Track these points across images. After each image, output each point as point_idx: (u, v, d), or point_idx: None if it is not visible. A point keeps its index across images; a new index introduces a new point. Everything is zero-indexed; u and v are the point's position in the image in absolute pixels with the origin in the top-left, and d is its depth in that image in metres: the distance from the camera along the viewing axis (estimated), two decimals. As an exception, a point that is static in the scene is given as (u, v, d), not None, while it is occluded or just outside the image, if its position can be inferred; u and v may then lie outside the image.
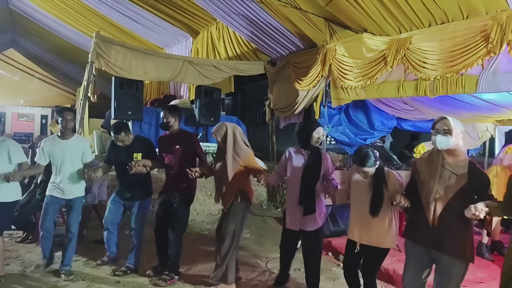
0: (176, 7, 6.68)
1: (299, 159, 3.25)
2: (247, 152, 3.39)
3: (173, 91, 8.96)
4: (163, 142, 3.81)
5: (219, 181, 3.44)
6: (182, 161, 3.58)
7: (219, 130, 3.38)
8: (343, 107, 5.76)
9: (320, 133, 3.20)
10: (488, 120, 5.75)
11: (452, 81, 3.38)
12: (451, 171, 2.31)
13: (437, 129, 2.35)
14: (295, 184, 3.21)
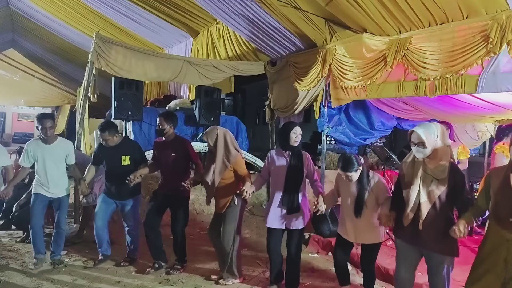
0: (176, 7, 6.68)
1: (281, 160, 3.31)
2: (236, 156, 3.46)
3: (173, 91, 8.96)
4: (159, 147, 3.92)
5: (212, 185, 3.48)
6: (177, 167, 3.78)
7: (211, 134, 3.47)
8: (343, 107, 5.76)
9: (297, 132, 3.24)
10: (488, 120, 5.74)
11: (452, 81, 3.37)
12: (432, 176, 2.45)
13: (412, 141, 2.49)
14: (279, 185, 3.28)
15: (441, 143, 2.48)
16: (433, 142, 2.44)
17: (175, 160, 3.76)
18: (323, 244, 4.76)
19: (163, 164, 3.85)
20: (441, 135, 2.49)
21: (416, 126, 2.55)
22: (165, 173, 3.90)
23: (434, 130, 2.47)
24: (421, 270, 3.68)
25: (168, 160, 3.77)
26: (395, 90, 4.01)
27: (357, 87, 4.29)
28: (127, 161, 3.85)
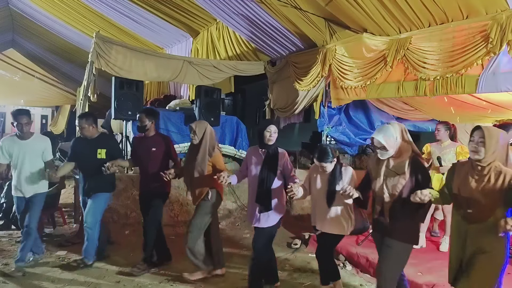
0: (176, 7, 6.68)
1: (257, 158, 3.35)
2: (217, 151, 3.61)
3: (173, 91, 8.96)
4: (139, 143, 3.94)
5: (190, 177, 3.55)
6: (157, 163, 3.78)
7: (201, 126, 3.56)
8: (343, 107, 5.76)
9: (271, 131, 3.26)
10: (488, 120, 5.74)
11: (452, 81, 3.38)
12: (395, 172, 2.62)
13: (375, 146, 2.64)
14: (253, 183, 3.31)
15: (402, 141, 2.62)
16: (394, 143, 2.59)
17: (155, 156, 3.78)
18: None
19: (143, 160, 3.84)
20: (401, 135, 2.62)
21: (375, 131, 2.68)
22: (144, 169, 3.86)
23: (392, 132, 2.60)
24: (422, 270, 3.69)
25: (148, 155, 3.77)
26: (395, 90, 4.02)
27: (357, 87, 4.29)
28: (103, 155, 3.80)
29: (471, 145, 2.33)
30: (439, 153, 4.39)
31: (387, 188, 2.64)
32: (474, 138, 2.32)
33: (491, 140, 2.24)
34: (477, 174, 2.32)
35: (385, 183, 2.65)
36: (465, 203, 2.35)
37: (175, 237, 5.03)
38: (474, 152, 2.29)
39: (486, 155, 2.25)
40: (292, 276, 3.89)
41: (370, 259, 4.03)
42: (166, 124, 6.29)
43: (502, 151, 2.31)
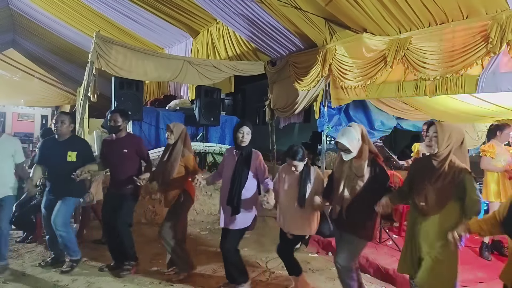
0: (176, 7, 6.68)
1: (231, 159, 3.33)
2: (190, 153, 3.64)
3: (173, 91, 8.96)
4: (109, 145, 3.85)
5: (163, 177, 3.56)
6: (129, 165, 3.74)
7: (178, 127, 3.62)
8: (343, 107, 5.75)
9: (244, 132, 3.23)
10: (488, 120, 5.74)
11: (452, 81, 3.38)
12: (355, 173, 2.77)
13: (340, 148, 2.79)
14: (225, 184, 3.31)
15: (362, 143, 2.78)
16: (357, 145, 2.75)
17: (127, 157, 3.72)
18: (323, 244, 4.76)
19: (114, 162, 3.77)
20: (361, 136, 2.78)
21: (338, 134, 2.81)
22: (115, 171, 3.78)
23: (354, 135, 2.75)
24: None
25: (120, 157, 3.71)
26: (395, 90, 4.01)
27: (357, 87, 4.29)
28: (73, 157, 3.69)
29: (426, 140, 2.48)
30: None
31: (348, 188, 2.78)
32: (428, 133, 2.45)
33: (443, 134, 2.38)
34: (431, 168, 2.44)
35: (346, 184, 2.79)
36: (419, 196, 2.46)
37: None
38: (429, 146, 2.44)
39: (439, 149, 2.38)
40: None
41: (370, 259, 4.03)
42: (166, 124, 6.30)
43: (456, 146, 2.43)
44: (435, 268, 2.40)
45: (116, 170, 3.78)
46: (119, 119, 3.73)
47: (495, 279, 3.44)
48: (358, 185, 2.75)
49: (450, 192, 2.35)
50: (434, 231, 2.36)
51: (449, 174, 2.37)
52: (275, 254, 4.22)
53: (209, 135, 6.70)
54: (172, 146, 3.58)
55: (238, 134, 3.23)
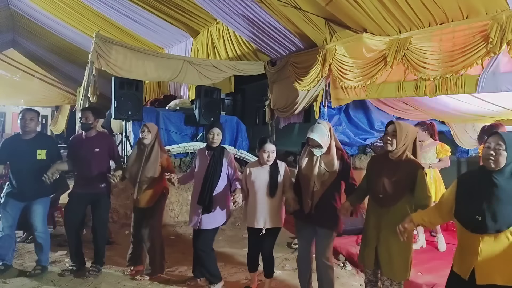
0: (176, 7, 6.68)
1: (204, 159, 3.38)
2: (165, 153, 3.71)
3: (173, 91, 8.97)
4: (78, 143, 3.75)
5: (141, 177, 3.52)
6: (101, 164, 3.69)
7: (154, 127, 3.61)
8: (343, 107, 5.76)
9: (214, 133, 3.31)
10: (488, 120, 5.74)
11: (452, 81, 3.38)
12: (325, 169, 2.93)
13: (311, 145, 2.91)
14: (197, 184, 3.35)
15: (331, 140, 2.94)
16: (327, 141, 2.91)
17: (97, 156, 3.65)
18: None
19: (84, 161, 3.64)
20: (330, 133, 2.95)
21: (309, 131, 2.93)
22: (84, 170, 3.65)
23: (325, 131, 2.91)
24: (421, 270, 3.69)
25: (90, 156, 3.62)
26: (395, 90, 4.01)
27: (357, 87, 4.29)
28: (43, 156, 3.59)
29: (385, 138, 2.63)
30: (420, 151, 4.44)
31: (318, 183, 2.91)
32: (388, 131, 2.62)
33: (401, 133, 2.55)
34: (388, 163, 2.62)
35: (316, 179, 2.92)
36: (377, 189, 2.64)
37: (175, 237, 5.04)
38: (388, 143, 2.59)
39: (397, 146, 2.56)
40: (292, 276, 3.88)
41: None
42: (166, 124, 6.30)
43: (411, 145, 2.63)
44: (391, 256, 2.57)
45: (86, 169, 3.64)
46: (91, 117, 3.65)
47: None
48: (328, 180, 2.91)
49: (405, 185, 2.54)
50: (391, 222, 2.47)
51: (405, 168, 2.56)
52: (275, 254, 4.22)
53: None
54: (150, 146, 3.54)
55: (209, 135, 3.32)
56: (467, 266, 2.01)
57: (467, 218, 2.00)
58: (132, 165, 3.61)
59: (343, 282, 3.78)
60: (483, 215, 1.92)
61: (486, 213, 1.91)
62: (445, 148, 4.42)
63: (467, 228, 2.00)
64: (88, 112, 3.68)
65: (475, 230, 1.96)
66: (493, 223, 1.90)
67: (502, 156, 1.91)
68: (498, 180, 1.93)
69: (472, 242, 1.98)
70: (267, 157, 3.17)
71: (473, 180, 2.08)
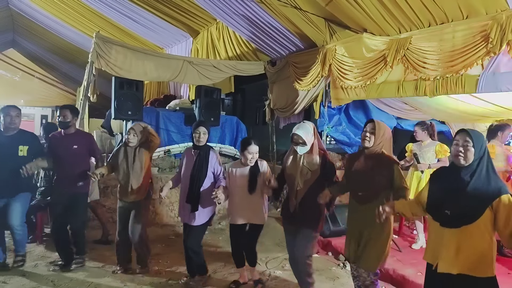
0: (176, 7, 6.68)
1: (190, 158, 3.44)
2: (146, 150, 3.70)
3: (173, 91, 8.96)
4: (57, 141, 3.76)
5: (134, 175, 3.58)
6: (79, 161, 3.72)
7: (138, 126, 3.65)
8: (343, 107, 5.77)
9: (200, 132, 3.36)
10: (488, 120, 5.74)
11: (452, 81, 3.38)
12: (308, 168, 2.98)
13: (295, 142, 2.96)
14: (185, 183, 3.42)
15: (314, 139, 3.01)
16: (311, 140, 2.97)
17: (76, 154, 3.69)
18: (323, 244, 4.76)
19: (62, 158, 3.68)
20: (313, 132, 3.02)
21: (294, 128, 2.99)
22: (63, 168, 3.71)
23: (309, 129, 2.98)
24: (421, 270, 3.69)
25: (68, 153, 3.66)
26: (395, 90, 4.01)
27: (357, 87, 4.29)
28: (24, 152, 3.62)
29: (363, 134, 2.72)
30: (419, 151, 4.45)
31: (301, 182, 2.96)
32: (366, 128, 2.72)
33: (379, 131, 2.67)
34: (365, 160, 2.73)
35: (299, 178, 2.97)
36: (356, 186, 2.74)
37: (175, 237, 5.04)
38: (365, 140, 2.69)
39: (374, 143, 2.67)
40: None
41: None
42: (166, 124, 6.30)
43: (387, 143, 2.74)
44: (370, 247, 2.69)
45: (65, 167, 3.70)
46: (69, 115, 3.68)
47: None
48: (311, 179, 2.96)
49: (383, 181, 2.65)
50: (372, 219, 2.52)
51: (381, 165, 2.67)
52: (275, 254, 4.24)
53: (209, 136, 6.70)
54: (135, 149, 3.61)
55: (195, 134, 3.37)
56: (436, 256, 2.12)
57: (437, 212, 2.10)
58: (121, 165, 3.63)
59: (343, 282, 3.78)
60: (451, 209, 2.01)
61: (455, 208, 2.00)
62: (444, 149, 4.43)
63: (437, 221, 2.10)
64: (66, 110, 3.69)
65: (444, 224, 2.05)
66: (461, 217, 1.98)
67: (470, 152, 1.99)
68: (466, 176, 2.01)
69: (442, 235, 2.07)
70: (250, 158, 3.27)
71: (444, 176, 2.17)
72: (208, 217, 3.47)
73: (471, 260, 1.99)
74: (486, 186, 1.97)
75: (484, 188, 1.96)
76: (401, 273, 3.70)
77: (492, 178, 1.99)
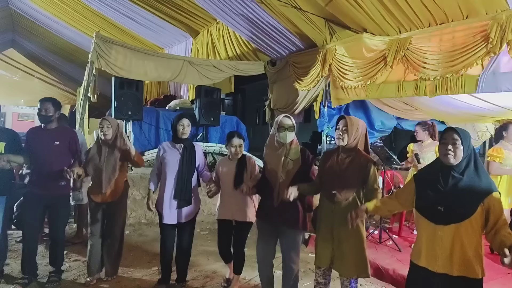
0: (176, 7, 6.68)
1: (174, 153, 3.33)
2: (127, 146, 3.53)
3: (173, 91, 8.96)
4: (37, 136, 3.48)
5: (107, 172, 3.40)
6: (60, 159, 3.43)
7: (114, 121, 3.49)
8: (343, 107, 5.76)
9: (184, 124, 3.29)
10: (488, 120, 5.75)
11: (452, 81, 3.38)
12: (289, 158, 2.84)
13: (283, 126, 2.81)
14: (171, 178, 3.29)
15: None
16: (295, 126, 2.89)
17: (57, 150, 3.40)
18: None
19: (42, 155, 3.38)
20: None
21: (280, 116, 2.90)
22: (42, 165, 3.39)
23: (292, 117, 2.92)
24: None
25: (49, 149, 3.38)
26: (395, 90, 4.02)
27: (357, 87, 4.30)
28: (1, 149, 3.33)
29: (337, 133, 2.64)
30: (419, 151, 4.44)
31: (283, 173, 2.82)
32: (339, 126, 2.62)
33: (352, 127, 2.57)
34: (341, 159, 2.64)
35: (282, 170, 2.83)
36: (330, 185, 2.63)
37: (175, 237, 5.03)
38: (339, 139, 2.60)
39: (348, 141, 2.58)
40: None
41: (370, 259, 4.01)
42: (166, 124, 6.30)
43: (362, 139, 2.65)
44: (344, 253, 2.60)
45: (44, 166, 3.39)
46: (51, 108, 3.42)
47: (494, 279, 3.45)
48: (294, 168, 2.83)
49: (357, 180, 2.59)
50: (344, 217, 2.46)
51: (357, 163, 2.59)
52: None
53: (209, 135, 6.70)
54: (110, 141, 3.41)
55: (179, 127, 3.28)
56: (433, 256, 2.07)
57: (430, 210, 2.08)
58: (93, 160, 3.44)
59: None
60: (445, 206, 2.01)
61: (448, 204, 2.01)
62: None
63: (430, 219, 2.08)
64: (47, 103, 3.43)
65: (438, 221, 2.04)
66: (455, 214, 1.99)
67: (460, 150, 1.99)
68: (457, 173, 2.02)
69: (434, 234, 2.06)
70: (234, 151, 3.28)
71: (432, 174, 2.14)
72: (196, 210, 3.44)
73: (464, 259, 1.99)
74: (478, 183, 1.99)
75: (476, 184, 1.99)
76: (401, 273, 3.70)
77: (482, 174, 2.02)
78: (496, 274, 3.49)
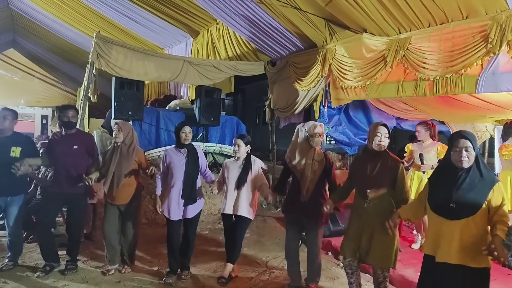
0: (176, 7, 6.69)
1: (179, 157, 3.58)
2: (141, 150, 3.82)
3: (173, 91, 8.98)
4: (57, 140, 3.76)
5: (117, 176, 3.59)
6: (76, 162, 3.70)
7: (126, 126, 3.70)
8: (343, 107, 5.76)
9: (186, 131, 3.56)
10: (488, 120, 5.74)
11: (452, 81, 3.38)
12: (315, 160, 3.27)
13: (318, 133, 3.23)
14: (178, 180, 3.53)
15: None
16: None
17: (76, 154, 3.67)
18: (323, 244, 4.75)
19: (61, 158, 3.66)
20: None
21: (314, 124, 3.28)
22: (62, 168, 3.66)
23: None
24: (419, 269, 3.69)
25: (68, 153, 3.64)
26: (395, 90, 4.02)
27: (357, 87, 4.30)
28: (17, 153, 3.59)
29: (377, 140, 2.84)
30: (420, 152, 4.44)
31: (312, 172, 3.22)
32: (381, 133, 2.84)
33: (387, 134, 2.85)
34: (372, 161, 2.88)
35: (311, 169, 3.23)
36: (364, 185, 2.87)
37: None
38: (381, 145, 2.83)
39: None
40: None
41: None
42: (166, 124, 6.31)
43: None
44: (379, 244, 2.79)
45: (64, 167, 3.66)
46: (75, 115, 3.77)
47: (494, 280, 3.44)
48: (319, 169, 3.25)
49: (388, 180, 2.82)
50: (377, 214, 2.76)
51: (387, 164, 2.84)
52: (275, 254, 4.24)
53: (209, 135, 6.72)
54: (123, 144, 3.63)
55: (182, 134, 3.55)
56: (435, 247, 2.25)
57: (443, 208, 2.23)
58: (107, 162, 3.67)
59: (343, 282, 3.77)
60: (457, 203, 2.17)
61: (460, 201, 2.17)
62: (445, 149, 4.40)
63: (443, 216, 2.23)
64: (73, 110, 3.74)
65: (450, 217, 2.19)
66: (466, 209, 2.15)
67: (472, 155, 2.17)
68: (465, 173, 2.20)
69: (441, 227, 2.23)
70: (234, 150, 3.60)
71: (443, 174, 2.33)
72: (200, 206, 3.70)
73: (470, 250, 2.13)
74: (484, 178, 2.18)
75: (482, 180, 2.18)
76: (401, 273, 3.71)
77: (485, 170, 2.20)
78: (496, 274, 3.50)
